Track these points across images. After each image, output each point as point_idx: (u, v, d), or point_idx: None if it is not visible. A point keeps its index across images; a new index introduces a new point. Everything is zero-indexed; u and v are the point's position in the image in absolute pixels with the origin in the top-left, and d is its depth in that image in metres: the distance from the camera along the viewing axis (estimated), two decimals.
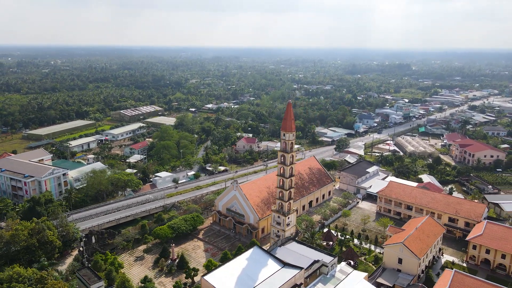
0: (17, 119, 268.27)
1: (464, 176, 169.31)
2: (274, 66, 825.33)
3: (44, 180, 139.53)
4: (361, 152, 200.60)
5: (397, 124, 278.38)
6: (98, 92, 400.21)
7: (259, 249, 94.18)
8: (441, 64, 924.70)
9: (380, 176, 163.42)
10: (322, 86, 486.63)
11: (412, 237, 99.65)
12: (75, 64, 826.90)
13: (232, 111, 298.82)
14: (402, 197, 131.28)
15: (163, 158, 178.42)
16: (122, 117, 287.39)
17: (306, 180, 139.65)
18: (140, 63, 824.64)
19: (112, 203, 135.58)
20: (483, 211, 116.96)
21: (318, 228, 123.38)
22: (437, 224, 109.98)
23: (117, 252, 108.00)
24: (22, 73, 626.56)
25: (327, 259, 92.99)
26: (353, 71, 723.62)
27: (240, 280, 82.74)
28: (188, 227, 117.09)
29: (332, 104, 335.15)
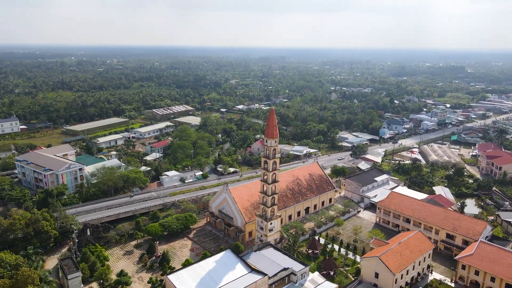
0: (61, 115, 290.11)
1: (484, 190, 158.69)
2: (318, 67, 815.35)
3: (61, 174, 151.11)
4: (378, 159, 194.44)
5: (429, 131, 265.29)
6: (138, 91, 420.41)
7: (230, 253, 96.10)
8: (502, 66, 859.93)
9: (389, 186, 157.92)
10: (361, 88, 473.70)
11: (392, 251, 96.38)
12: (128, 64, 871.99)
13: (259, 112, 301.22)
14: (401, 209, 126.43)
15: (177, 157, 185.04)
16: (154, 116, 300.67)
17: (304, 186, 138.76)
18: (187, 63, 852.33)
19: (116, 199, 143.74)
20: (482, 229, 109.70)
21: (309, 236, 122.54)
22: (425, 240, 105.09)
23: (109, 246, 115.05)
24: (79, 72, 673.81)
25: (298, 268, 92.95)
26: (400, 73, 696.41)
27: (202, 282, 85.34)
28: (179, 226, 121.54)
29: (364, 108, 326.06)
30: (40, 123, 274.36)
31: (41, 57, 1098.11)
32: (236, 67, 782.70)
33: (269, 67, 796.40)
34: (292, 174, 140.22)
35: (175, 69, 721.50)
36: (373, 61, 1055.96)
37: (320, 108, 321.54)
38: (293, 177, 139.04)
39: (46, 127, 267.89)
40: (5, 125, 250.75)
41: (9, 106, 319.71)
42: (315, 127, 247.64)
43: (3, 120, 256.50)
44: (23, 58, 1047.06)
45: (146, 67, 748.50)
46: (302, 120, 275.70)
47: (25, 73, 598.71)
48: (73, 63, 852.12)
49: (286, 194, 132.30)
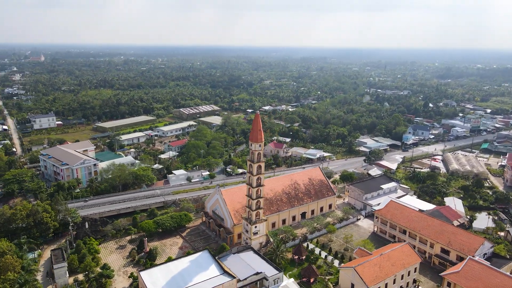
0: (95, 112, 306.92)
1: (502, 204, 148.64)
2: (358, 68, 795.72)
3: (75, 169, 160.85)
4: (393, 166, 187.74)
5: (460, 137, 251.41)
6: (171, 90, 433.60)
7: (207, 254, 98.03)
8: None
9: (397, 194, 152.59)
10: (398, 91, 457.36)
11: (371, 263, 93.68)
12: (171, 63, 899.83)
13: (281, 114, 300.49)
14: (397, 219, 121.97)
15: (189, 156, 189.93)
16: (181, 115, 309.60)
17: (302, 190, 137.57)
18: (226, 63, 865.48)
19: (121, 195, 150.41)
20: (478, 245, 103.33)
21: (299, 241, 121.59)
22: (412, 253, 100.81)
23: (105, 239, 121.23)
24: (124, 71, 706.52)
25: (271, 273, 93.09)
26: (444, 75, 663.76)
27: (171, 280, 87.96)
28: (172, 224, 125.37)
29: (393, 111, 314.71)
30: (75, 120, 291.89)
31: (93, 56, 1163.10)
32: (274, 68, 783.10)
33: (308, 67, 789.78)
34: (290, 178, 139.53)
35: (214, 68, 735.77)
36: (419, 62, 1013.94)
37: (347, 111, 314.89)
38: (291, 181, 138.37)
39: (80, 123, 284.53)
40: (43, 121, 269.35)
41: (52, 103, 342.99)
42: (335, 130, 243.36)
43: (41, 115, 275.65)
44: (78, 57, 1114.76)
45: (186, 66, 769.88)
46: (325, 122, 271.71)
47: (74, 72, 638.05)
48: (120, 62, 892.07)
49: (281, 198, 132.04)
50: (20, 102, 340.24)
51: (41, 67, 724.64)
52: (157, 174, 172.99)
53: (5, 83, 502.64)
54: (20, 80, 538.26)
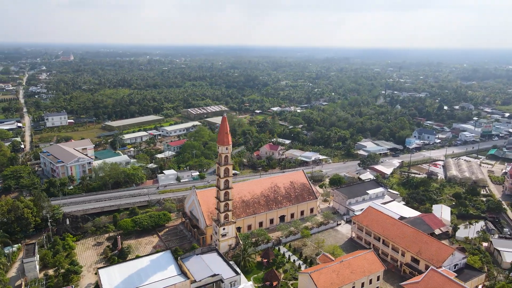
0: (106, 111, 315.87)
1: (493, 213, 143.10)
2: (380, 69, 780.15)
3: (70, 166, 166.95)
4: (388, 171, 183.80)
5: (468, 142, 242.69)
6: (183, 90, 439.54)
7: (169, 254, 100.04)
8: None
9: (384, 200, 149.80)
10: (415, 93, 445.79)
11: (328, 269, 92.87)
12: (193, 63, 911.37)
13: (286, 115, 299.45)
14: (373, 225, 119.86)
15: (184, 157, 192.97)
16: (188, 115, 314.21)
17: (282, 194, 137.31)
18: (247, 63, 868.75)
19: (108, 193, 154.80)
20: (447, 256, 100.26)
21: (272, 244, 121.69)
22: (375, 261, 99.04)
23: (84, 236, 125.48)
24: (146, 70, 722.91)
25: (227, 275, 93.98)
26: (470, 77, 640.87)
27: (128, 279, 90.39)
28: (150, 223, 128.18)
29: (404, 114, 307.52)
30: (87, 118, 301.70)
31: (121, 56, 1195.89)
32: (294, 68, 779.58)
33: (328, 68, 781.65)
34: (271, 181, 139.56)
35: (234, 68, 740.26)
36: (446, 62, 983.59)
37: (356, 113, 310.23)
38: (271, 184, 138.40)
39: (90, 122, 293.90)
40: (55, 119, 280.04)
41: (69, 102, 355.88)
42: (336, 133, 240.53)
43: (54, 114, 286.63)
44: (106, 57, 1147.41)
45: (206, 66, 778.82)
46: (330, 125, 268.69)
47: (97, 71, 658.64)
48: (144, 62, 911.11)
49: (259, 200, 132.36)
50: (38, 100, 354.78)
51: (68, 67, 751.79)
52: (151, 174, 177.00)
53: (31, 82, 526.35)
54: (45, 79, 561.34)
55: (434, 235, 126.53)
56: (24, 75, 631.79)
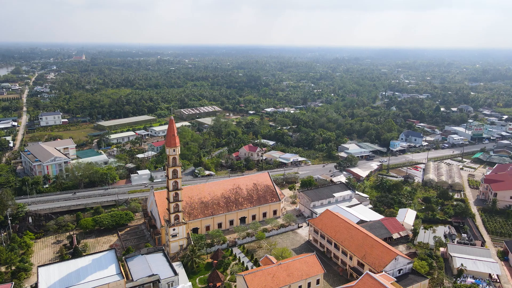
0: (101, 111, 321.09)
1: (458, 218, 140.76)
2: (388, 69, 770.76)
3: (46, 165, 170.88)
4: (364, 174, 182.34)
5: (457, 145, 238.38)
6: (180, 90, 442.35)
7: (112, 253, 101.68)
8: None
9: (350, 203, 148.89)
10: (416, 94, 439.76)
11: (264, 272, 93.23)
12: (201, 63, 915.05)
13: (276, 116, 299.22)
14: (326, 229, 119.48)
15: (163, 156, 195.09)
16: (181, 115, 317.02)
17: (243, 195, 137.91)
18: (254, 63, 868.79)
19: (79, 192, 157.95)
20: (389, 260, 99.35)
21: (226, 246, 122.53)
22: (316, 264, 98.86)
23: (46, 234, 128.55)
24: (153, 70, 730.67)
25: (165, 276, 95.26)
26: (478, 78, 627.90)
27: (66, 277, 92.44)
28: (111, 222, 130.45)
29: (398, 116, 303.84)
30: (82, 118, 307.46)
31: (133, 56, 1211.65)
32: (300, 68, 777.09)
33: (334, 68, 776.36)
34: (233, 183, 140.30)
35: (241, 69, 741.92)
36: (458, 62, 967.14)
37: (348, 115, 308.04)
38: (233, 185, 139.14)
39: (83, 121, 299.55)
40: (49, 118, 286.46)
41: (68, 101, 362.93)
42: (321, 134, 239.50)
43: (48, 113, 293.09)
44: (118, 56, 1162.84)
45: (212, 66, 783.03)
46: (319, 126, 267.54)
47: (104, 71, 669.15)
48: (153, 62, 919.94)
49: (219, 202, 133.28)
50: (37, 100, 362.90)
51: (78, 66, 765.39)
52: (127, 173, 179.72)
53: (38, 82, 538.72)
54: (52, 78, 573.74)
55: (392, 239, 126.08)
56: (33, 74, 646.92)
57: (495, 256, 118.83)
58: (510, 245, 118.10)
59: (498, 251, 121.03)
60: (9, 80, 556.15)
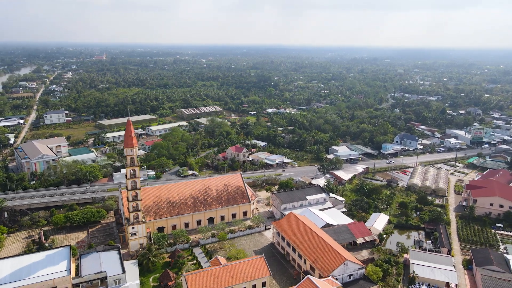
0: (105, 110, 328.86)
1: (431, 224, 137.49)
2: (403, 70, 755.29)
3: (34, 162, 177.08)
4: (347, 177, 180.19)
5: (453, 149, 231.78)
6: (186, 90, 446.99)
7: (66, 250, 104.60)
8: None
9: (323, 206, 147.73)
10: (426, 96, 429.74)
11: (206, 273, 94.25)
12: (216, 63, 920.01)
13: (273, 117, 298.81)
14: (286, 231, 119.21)
15: (150, 156, 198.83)
16: (182, 115, 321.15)
17: (213, 196, 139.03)
18: (269, 63, 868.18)
19: (60, 188, 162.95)
20: (337, 265, 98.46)
21: (190, 246, 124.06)
22: (263, 267, 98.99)
23: (20, 229, 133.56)
24: (168, 70, 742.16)
25: (114, 273, 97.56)
26: (497, 80, 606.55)
27: (15, 272, 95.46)
28: (81, 219, 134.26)
29: (400, 118, 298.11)
30: (86, 116, 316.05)
31: (152, 56, 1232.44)
32: (315, 69, 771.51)
33: (349, 69, 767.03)
34: (203, 183, 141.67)
35: (255, 69, 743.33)
36: (481, 63, 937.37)
37: (348, 116, 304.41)
38: (203, 186, 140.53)
39: (86, 120, 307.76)
40: (54, 116, 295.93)
41: (76, 100, 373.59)
42: (314, 136, 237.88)
43: (53, 112, 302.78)
44: (139, 56, 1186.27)
45: (226, 66, 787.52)
46: (316, 127, 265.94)
47: (119, 70, 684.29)
48: (169, 62, 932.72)
49: (187, 202, 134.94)
50: (47, 98, 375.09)
51: (97, 66, 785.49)
52: (112, 171, 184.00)
53: (54, 81, 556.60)
54: (69, 78, 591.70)
55: (356, 244, 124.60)
56: (53, 74, 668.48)
57: (459, 264, 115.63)
58: (475, 253, 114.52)
59: (464, 259, 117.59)
60: (28, 79, 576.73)
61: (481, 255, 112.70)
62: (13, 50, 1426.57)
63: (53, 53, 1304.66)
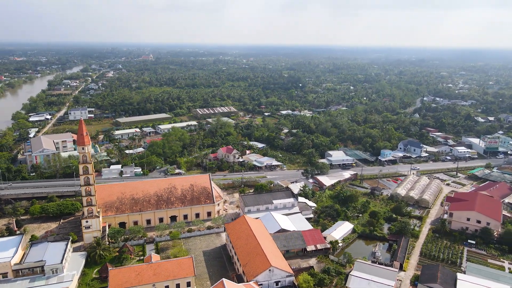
0: (125, 108, 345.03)
1: (395, 236, 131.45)
2: (447, 73, 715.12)
3: (35, 156, 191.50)
4: (329, 182, 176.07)
5: (462, 158, 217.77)
6: (210, 90, 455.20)
7: (19, 238, 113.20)
8: None
9: (291, 211, 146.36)
10: (459, 101, 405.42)
11: (131, 269, 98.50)
12: (256, 63, 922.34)
13: (281, 119, 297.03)
14: (232, 234, 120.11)
15: (144, 154, 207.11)
16: (196, 114, 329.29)
17: (177, 195, 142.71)
18: (307, 64, 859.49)
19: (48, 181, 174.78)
20: (261, 271, 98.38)
21: (144, 242, 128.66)
22: (189, 267, 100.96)
23: (1, 216, 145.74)
24: (205, 70, 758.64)
25: (51, 262, 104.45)
26: None
27: None
28: (55, 210, 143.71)
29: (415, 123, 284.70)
30: (107, 114, 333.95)
31: (197, 56, 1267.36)
32: (352, 70, 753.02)
33: (388, 70, 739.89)
34: (169, 182, 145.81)
35: (292, 69, 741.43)
36: None
37: (361, 121, 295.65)
38: (168, 185, 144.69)
39: (106, 117, 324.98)
40: (77, 113, 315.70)
41: (104, 98, 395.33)
42: (313, 140, 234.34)
43: (76, 109, 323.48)
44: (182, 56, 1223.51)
45: (263, 66, 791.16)
46: (322, 131, 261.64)
47: (157, 70, 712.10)
48: (209, 62, 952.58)
49: (150, 199, 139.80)
50: (78, 96, 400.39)
51: (140, 65, 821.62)
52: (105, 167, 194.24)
53: (96, 79, 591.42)
54: (110, 76, 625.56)
55: (306, 251, 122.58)
56: (97, 73, 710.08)
57: (408, 279, 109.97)
58: (425, 270, 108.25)
59: (415, 275, 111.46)
60: (73, 77, 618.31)
61: (430, 271, 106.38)
62: (72, 50, 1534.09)
63: (107, 53, 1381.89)
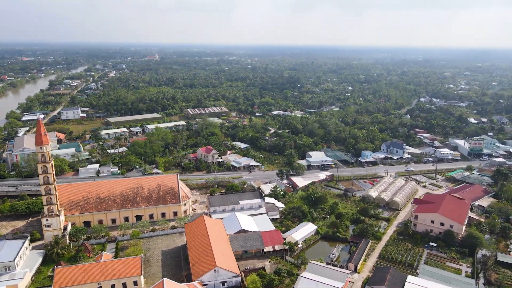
0: (118, 108, 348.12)
1: (356, 238, 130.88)
2: (450, 73, 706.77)
3: (15, 154, 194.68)
4: (303, 183, 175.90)
5: (444, 161, 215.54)
6: (205, 90, 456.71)
7: None
8: None
9: (257, 211, 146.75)
10: (455, 102, 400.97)
11: (78, 267, 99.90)
12: (259, 63, 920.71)
13: (268, 120, 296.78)
14: (189, 234, 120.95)
15: (125, 153, 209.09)
16: (187, 114, 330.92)
17: (143, 195, 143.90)
18: (310, 64, 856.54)
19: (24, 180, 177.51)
20: (206, 271, 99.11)
21: (105, 240, 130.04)
22: (136, 267, 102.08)
23: None
24: (208, 70, 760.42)
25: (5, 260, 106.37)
26: None
27: None
28: (24, 209, 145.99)
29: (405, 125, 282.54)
30: (98, 114, 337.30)
31: (203, 56, 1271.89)
32: (355, 70, 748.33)
33: (390, 71, 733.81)
34: (136, 182, 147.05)
35: (294, 70, 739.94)
36: None
37: (350, 122, 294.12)
38: (135, 184, 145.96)
39: (98, 117, 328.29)
40: (69, 113, 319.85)
41: (100, 98, 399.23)
42: (296, 140, 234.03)
43: (68, 108, 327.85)
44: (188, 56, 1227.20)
45: (265, 67, 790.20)
46: (309, 132, 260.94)
47: (159, 70, 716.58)
48: (213, 62, 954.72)
49: (115, 199, 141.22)
50: (74, 96, 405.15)
51: (143, 65, 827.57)
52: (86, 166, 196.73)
53: (97, 79, 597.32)
54: (111, 77, 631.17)
55: (263, 252, 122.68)
56: (100, 73, 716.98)
57: (360, 281, 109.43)
58: (376, 272, 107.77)
59: (368, 277, 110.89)
60: (74, 77, 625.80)
61: (380, 274, 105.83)
62: (81, 50, 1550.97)
63: (114, 53, 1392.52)
